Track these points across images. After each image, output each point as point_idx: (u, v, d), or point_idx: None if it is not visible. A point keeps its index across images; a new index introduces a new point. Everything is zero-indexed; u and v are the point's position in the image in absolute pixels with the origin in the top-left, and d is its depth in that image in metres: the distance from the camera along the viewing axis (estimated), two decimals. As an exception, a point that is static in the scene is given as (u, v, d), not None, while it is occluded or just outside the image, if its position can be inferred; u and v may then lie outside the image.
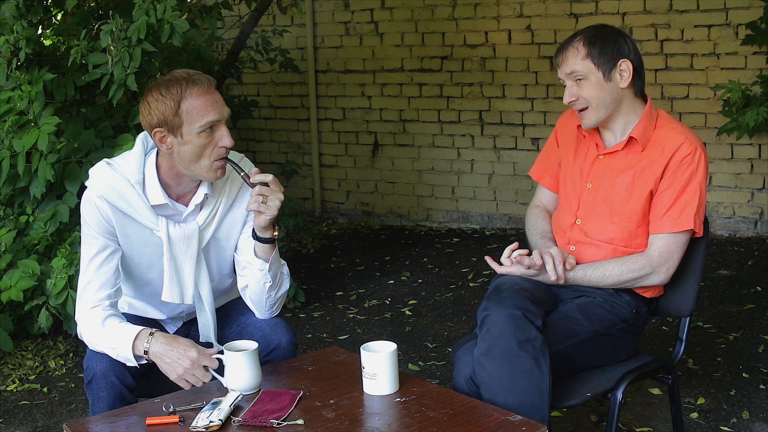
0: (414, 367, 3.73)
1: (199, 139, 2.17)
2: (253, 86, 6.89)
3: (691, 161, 2.34)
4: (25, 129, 3.74)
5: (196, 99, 2.15)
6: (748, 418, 3.08)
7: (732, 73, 5.17)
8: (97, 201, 2.23)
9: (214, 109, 2.17)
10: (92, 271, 2.25)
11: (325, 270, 5.35)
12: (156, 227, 2.27)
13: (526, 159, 5.95)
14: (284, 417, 1.96)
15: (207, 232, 2.33)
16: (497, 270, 2.40)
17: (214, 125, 2.18)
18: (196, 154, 2.19)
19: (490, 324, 2.17)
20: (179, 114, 2.15)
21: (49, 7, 4.36)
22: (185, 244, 2.29)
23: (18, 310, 3.86)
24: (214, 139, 2.19)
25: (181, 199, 2.30)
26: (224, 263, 2.41)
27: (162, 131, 2.18)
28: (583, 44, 2.35)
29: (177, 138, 2.18)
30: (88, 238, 2.26)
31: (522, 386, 2.09)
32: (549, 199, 2.68)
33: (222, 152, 2.20)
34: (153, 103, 2.17)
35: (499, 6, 5.86)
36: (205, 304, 2.38)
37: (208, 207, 2.32)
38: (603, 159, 2.46)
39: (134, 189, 2.24)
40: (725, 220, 5.44)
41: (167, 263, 2.28)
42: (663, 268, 2.36)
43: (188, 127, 2.16)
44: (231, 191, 2.35)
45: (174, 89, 2.15)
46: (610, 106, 2.39)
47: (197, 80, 2.17)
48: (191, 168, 2.21)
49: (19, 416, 3.47)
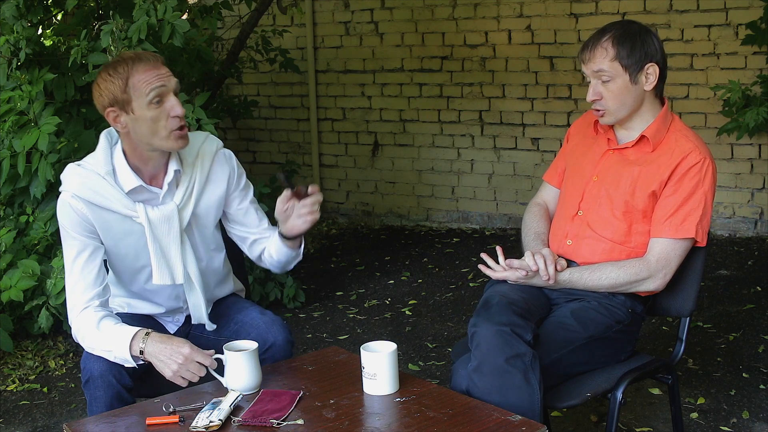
0: (414, 367, 3.73)
1: (149, 111, 2.19)
2: (253, 86, 6.89)
3: (699, 170, 2.34)
4: (26, 129, 3.74)
5: (141, 74, 2.19)
6: (748, 418, 3.08)
7: (732, 73, 5.17)
8: (71, 201, 2.25)
9: (159, 80, 2.20)
10: (77, 273, 2.26)
11: (325, 270, 5.35)
12: (135, 214, 2.28)
13: (526, 159, 5.95)
14: (284, 417, 1.96)
15: (186, 211, 2.34)
16: (492, 276, 2.41)
17: (162, 96, 2.20)
18: (150, 129, 2.21)
19: (479, 340, 2.18)
20: (127, 90, 2.19)
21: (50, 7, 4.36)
22: (166, 225, 2.30)
23: (18, 310, 3.86)
24: (165, 110, 2.21)
25: (155, 181, 2.32)
26: (209, 239, 2.44)
27: (114, 110, 2.22)
28: (612, 44, 2.33)
29: (129, 115, 2.21)
30: (68, 239, 2.28)
31: (512, 402, 2.09)
32: (552, 195, 2.68)
33: (176, 122, 2.22)
34: (102, 84, 2.22)
35: (499, 6, 5.86)
36: (195, 283, 2.39)
37: (183, 185, 2.34)
38: (612, 154, 2.47)
39: (106, 180, 2.26)
40: (725, 220, 5.44)
41: (152, 246, 2.30)
42: (660, 274, 2.36)
43: (137, 102, 2.19)
44: (203, 166, 2.37)
45: (120, 68, 2.20)
46: (631, 107, 2.40)
47: (142, 57, 2.22)
48: (151, 142, 2.23)
49: (19, 416, 3.47)
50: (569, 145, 2.65)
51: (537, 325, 2.29)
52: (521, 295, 2.34)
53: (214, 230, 2.45)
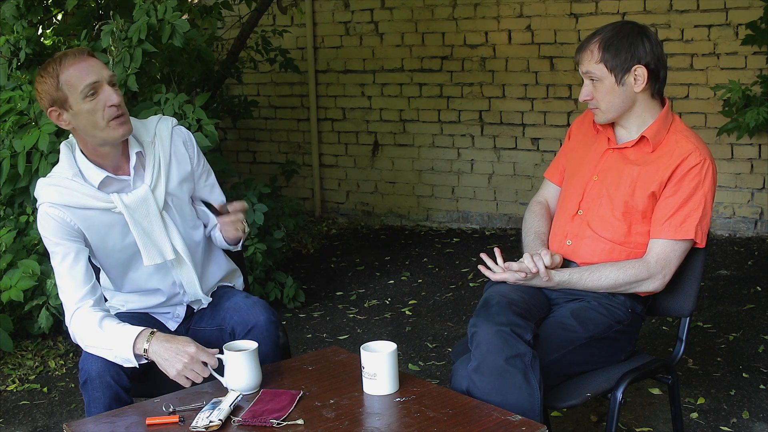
0: (414, 367, 3.73)
1: (85, 104, 2.21)
2: (253, 86, 6.89)
3: (699, 171, 2.34)
4: (26, 129, 3.74)
5: (70, 69, 2.21)
6: (748, 418, 3.08)
7: (732, 73, 5.17)
8: (49, 210, 2.27)
9: (90, 73, 2.21)
10: (66, 275, 2.28)
11: (325, 270, 5.35)
12: (111, 204, 2.30)
13: (526, 159, 5.95)
14: (284, 417, 1.96)
15: (159, 190, 2.37)
16: (491, 277, 2.42)
17: (96, 88, 2.21)
18: (89, 121, 2.23)
19: (479, 340, 2.19)
20: (60, 88, 2.21)
21: (50, 7, 4.36)
22: (144, 207, 2.33)
23: (18, 310, 3.86)
24: (101, 101, 2.22)
25: (121, 170, 2.34)
26: (186, 217, 2.46)
27: (55, 110, 2.24)
28: (599, 47, 2.37)
29: (68, 111, 2.23)
30: (52, 247, 2.30)
31: (512, 402, 2.09)
32: (553, 193, 2.68)
33: (113, 111, 2.23)
34: (39, 87, 2.25)
35: (499, 6, 5.86)
36: (184, 257, 2.41)
37: (149, 166, 2.36)
38: (612, 153, 2.47)
39: (75, 182, 2.29)
40: (725, 220, 5.44)
41: (135, 230, 2.32)
42: (659, 275, 2.36)
43: (73, 97, 2.21)
44: (164, 144, 2.40)
45: (50, 67, 2.22)
46: (621, 108, 2.41)
47: (69, 53, 2.25)
48: (96, 134, 2.25)
49: (19, 416, 3.47)
50: (571, 142, 2.65)
51: (537, 325, 2.30)
52: (521, 295, 2.34)
53: (189, 206, 2.49)
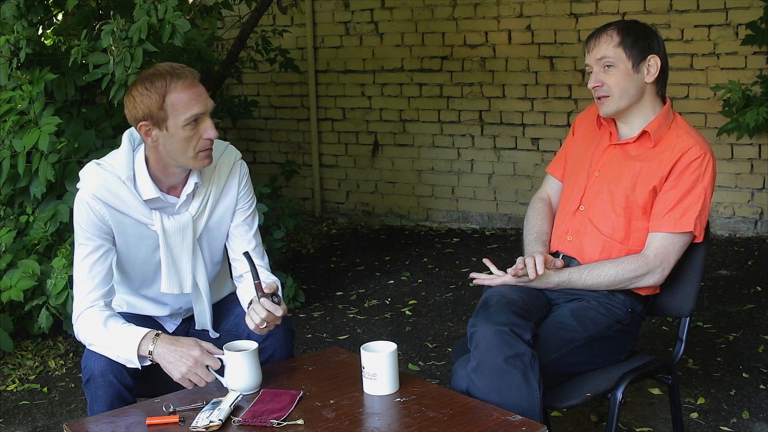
0: (414, 367, 3.73)
1: (184, 131, 2.18)
2: (253, 86, 6.89)
3: (698, 165, 2.35)
4: (26, 129, 3.74)
5: (180, 92, 2.17)
6: (748, 418, 3.08)
7: (732, 73, 5.17)
8: (91, 201, 2.24)
9: (198, 102, 2.19)
10: (86, 272, 2.26)
11: (325, 270, 5.35)
12: (150, 221, 2.28)
13: (526, 159, 5.95)
14: (284, 417, 1.96)
15: (200, 222, 2.35)
16: (491, 284, 2.42)
17: (199, 118, 2.20)
18: (181, 147, 2.20)
19: (478, 340, 2.19)
20: (164, 108, 2.16)
21: (50, 7, 4.36)
22: (180, 235, 2.31)
23: (18, 310, 3.86)
24: (199, 132, 2.20)
25: (172, 191, 2.32)
26: (216, 251, 2.44)
27: (147, 125, 2.20)
28: (618, 32, 2.40)
29: (162, 131, 2.19)
30: (82, 239, 2.27)
31: (512, 402, 2.09)
32: (556, 189, 2.69)
33: (206, 143, 2.22)
34: (138, 98, 2.19)
35: (499, 6, 5.86)
36: (202, 292, 2.40)
37: (199, 196, 2.34)
38: (614, 149, 2.48)
39: (126, 185, 2.25)
40: (725, 220, 5.44)
41: (164, 255, 2.30)
42: (658, 269, 2.36)
43: (173, 120, 2.17)
44: (220, 179, 2.37)
45: (158, 83, 2.16)
46: (633, 97, 2.42)
47: (181, 74, 2.18)
48: (178, 159, 2.23)
49: (19, 416, 3.47)
50: (575, 138, 2.65)
51: (536, 325, 2.30)
52: (520, 295, 2.34)
53: (223, 243, 2.45)
